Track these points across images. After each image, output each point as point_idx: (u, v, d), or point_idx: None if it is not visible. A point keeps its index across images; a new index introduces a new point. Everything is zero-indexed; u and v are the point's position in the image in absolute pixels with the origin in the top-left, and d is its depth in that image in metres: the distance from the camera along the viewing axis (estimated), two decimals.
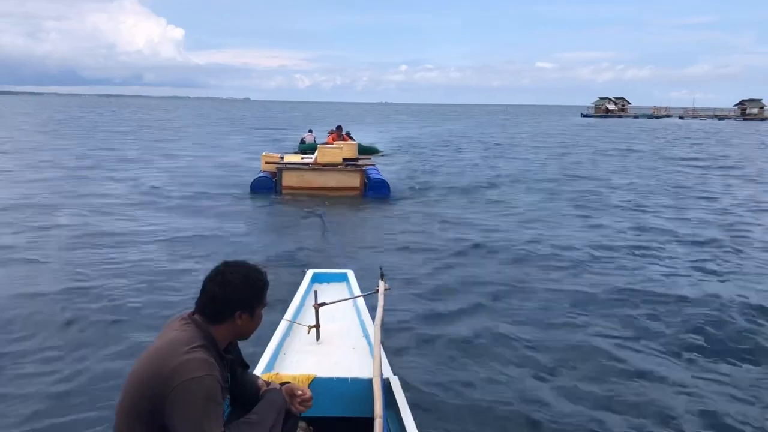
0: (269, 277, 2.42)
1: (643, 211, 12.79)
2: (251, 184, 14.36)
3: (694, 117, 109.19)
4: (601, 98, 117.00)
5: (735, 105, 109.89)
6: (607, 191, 15.88)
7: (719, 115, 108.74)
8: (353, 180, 14.20)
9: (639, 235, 10.42)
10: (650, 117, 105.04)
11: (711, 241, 9.87)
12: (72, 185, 15.07)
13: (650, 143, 37.95)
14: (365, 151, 19.51)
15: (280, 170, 14.25)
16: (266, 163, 15.07)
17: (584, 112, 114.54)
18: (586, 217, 12.14)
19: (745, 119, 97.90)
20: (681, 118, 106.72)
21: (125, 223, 10.59)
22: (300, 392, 2.56)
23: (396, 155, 25.87)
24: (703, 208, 13.33)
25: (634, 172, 20.89)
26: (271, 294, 2.44)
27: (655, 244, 9.58)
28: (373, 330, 3.50)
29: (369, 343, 3.71)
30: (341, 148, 14.99)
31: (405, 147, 30.93)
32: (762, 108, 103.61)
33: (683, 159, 26.25)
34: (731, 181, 18.68)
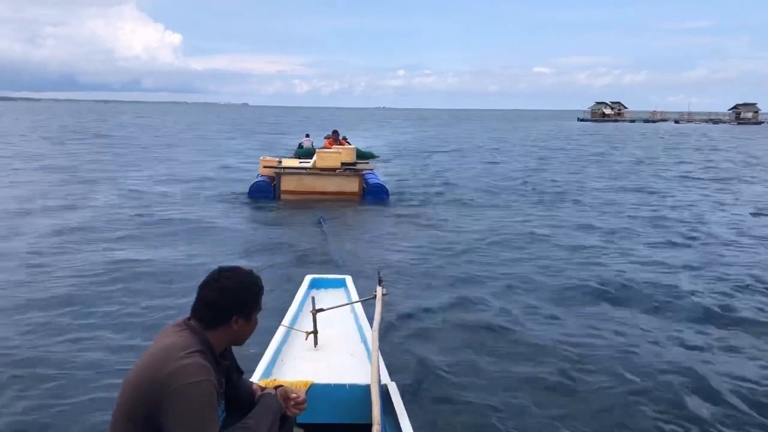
0: (267, 283, 2.44)
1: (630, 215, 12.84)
2: (249, 188, 14.31)
3: (690, 121, 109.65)
4: (597, 103, 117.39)
5: (729, 109, 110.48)
6: (595, 197, 15.92)
7: (714, 119, 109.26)
8: (352, 184, 14.19)
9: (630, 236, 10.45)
10: (646, 121, 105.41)
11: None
12: (65, 191, 15.02)
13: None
14: (362, 155, 19.52)
15: (278, 174, 14.22)
16: (264, 167, 15.06)
17: (581, 117, 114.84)
18: (581, 221, 12.18)
19: (739, 123, 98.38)
20: (676, 122, 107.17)
21: (120, 228, 10.54)
22: (294, 395, 2.56)
23: (394, 160, 25.92)
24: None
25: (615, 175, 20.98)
26: (269, 300, 2.45)
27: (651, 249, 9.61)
28: (371, 336, 3.50)
29: (367, 348, 3.70)
30: (340, 152, 14.98)
31: (403, 152, 31.01)
32: (756, 112, 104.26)
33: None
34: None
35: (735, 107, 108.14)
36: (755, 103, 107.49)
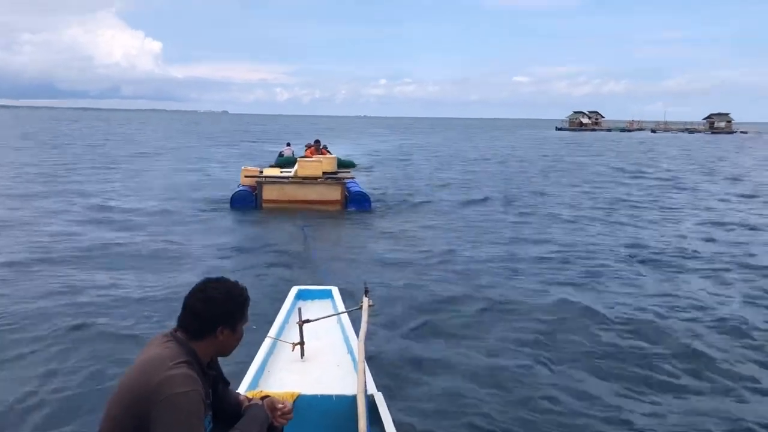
0: (252, 294, 2.44)
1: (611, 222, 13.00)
2: (231, 198, 14.22)
3: (666, 130, 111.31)
4: (575, 112, 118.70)
5: (704, 119, 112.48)
6: (567, 206, 16.12)
7: (689, 129, 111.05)
8: (334, 193, 14.18)
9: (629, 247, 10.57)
10: (623, 130, 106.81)
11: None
12: (41, 202, 14.78)
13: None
14: (343, 164, 19.53)
15: (260, 184, 14.18)
16: (246, 176, 15.00)
17: (559, 126, 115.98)
18: (553, 233, 12.30)
19: (713, 132, 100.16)
20: (653, 131, 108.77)
21: (100, 242, 10.34)
22: (281, 405, 2.56)
23: (375, 168, 25.98)
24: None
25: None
26: (255, 311, 2.44)
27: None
28: (358, 346, 3.49)
29: (353, 359, 3.70)
30: (321, 161, 15.00)
31: (384, 160, 31.09)
32: (729, 122, 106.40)
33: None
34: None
35: (709, 117, 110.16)
36: (728, 113, 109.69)
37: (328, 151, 20.63)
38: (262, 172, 15.48)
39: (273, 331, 4.02)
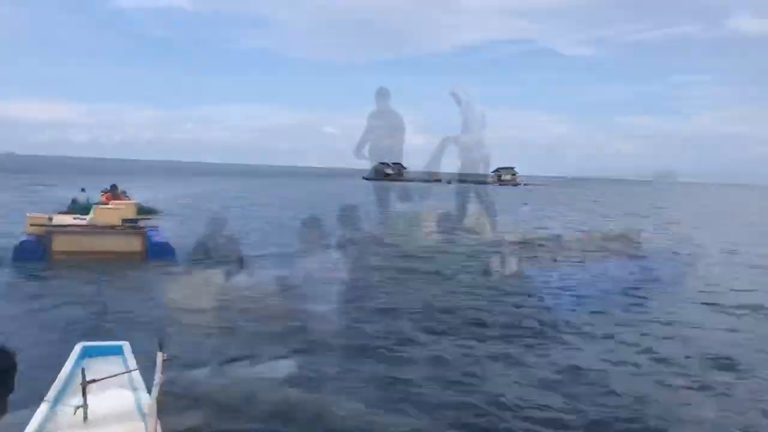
0: (31, 358, 2.31)
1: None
2: (13, 249, 12.73)
3: (461, 181, 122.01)
4: (380, 163, 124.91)
5: (492, 172, 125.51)
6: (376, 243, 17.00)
7: (481, 181, 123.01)
8: (134, 243, 13.43)
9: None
10: (425, 181, 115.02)
11: None
12: None
13: None
14: (144, 211, 18.58)
15: (49, 233, 12.95)
16: (32, 225, 13.59)
17: (365, 176, 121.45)
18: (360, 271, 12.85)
19: (501, 184, 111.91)
20: (449, 182, 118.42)
21: None
22: None
23: (181, 215, 24.97)
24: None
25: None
26: (32, 374, 2.32)
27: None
28: (148, 406, 3.40)
29: (144, 420, 3.57)
30: (120, 208, 14.18)
31: (191, 206, 30.06)
32: (514, 175, 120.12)
33: None
34: None
35: (497, 170, 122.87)
36: (513, 167, 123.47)
37: (127, 197, 19.53)
38: (51, 219, 14.15)
39: (51, 395, 3.73)
